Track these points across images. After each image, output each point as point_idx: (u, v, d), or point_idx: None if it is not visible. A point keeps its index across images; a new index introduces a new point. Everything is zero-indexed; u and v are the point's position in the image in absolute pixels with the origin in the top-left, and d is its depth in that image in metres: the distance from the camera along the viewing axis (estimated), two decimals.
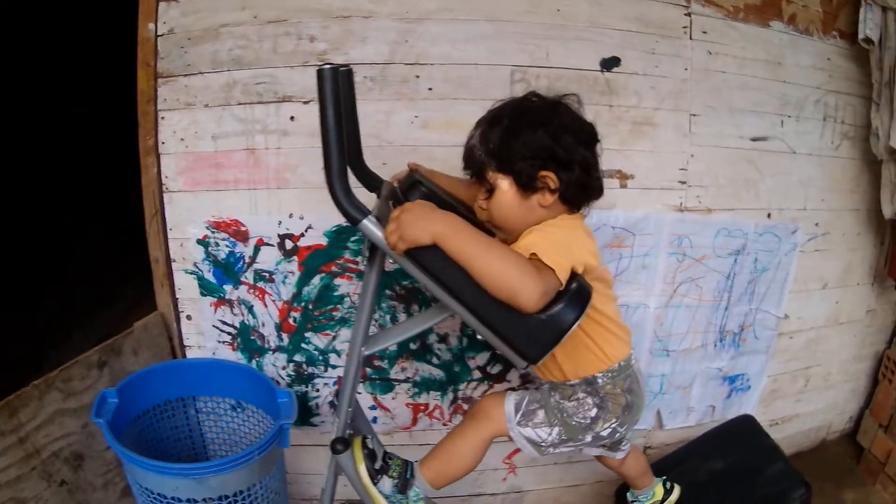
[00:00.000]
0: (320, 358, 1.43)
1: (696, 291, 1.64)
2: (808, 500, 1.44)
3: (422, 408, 1.58)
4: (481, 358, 1.55)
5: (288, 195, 1.29)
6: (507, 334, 0.94)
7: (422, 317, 1.10)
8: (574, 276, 0.97)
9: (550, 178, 1.01)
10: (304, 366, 1.43)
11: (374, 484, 1.13)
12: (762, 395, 1.86)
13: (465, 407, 1.61)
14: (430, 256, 0.91)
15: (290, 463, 1.56)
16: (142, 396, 1.34)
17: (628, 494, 1.48)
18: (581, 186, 1.04)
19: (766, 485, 1.51)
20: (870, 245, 1.86)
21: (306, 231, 1.33)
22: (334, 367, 1.45)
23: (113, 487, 1.38)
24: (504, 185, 1.02)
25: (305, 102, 1.22)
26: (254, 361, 1.40)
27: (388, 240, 0.91)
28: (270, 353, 1.39)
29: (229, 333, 1.38)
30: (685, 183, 1.53)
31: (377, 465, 1.13)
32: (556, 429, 1.15)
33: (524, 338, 0.94)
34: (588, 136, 1.05)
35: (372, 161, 1.26)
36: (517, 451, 1.72)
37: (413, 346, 1.50)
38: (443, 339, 1.52)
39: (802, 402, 1.98)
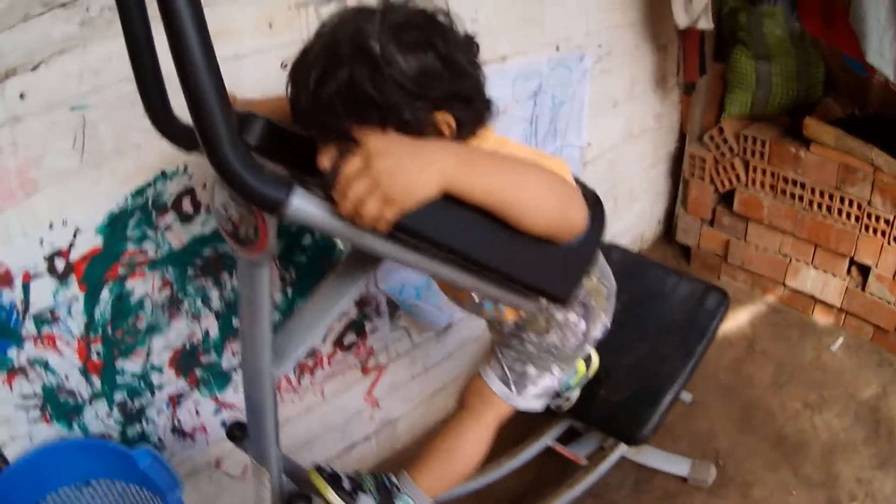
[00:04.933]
0: (142, 384, 1.46)
1: None
2: (728, 305, 1.82)
3: None
4: None
5: (40, 200, 1.21)
6: (536, 280, 0.93)
7: (331, 289, 1.08)
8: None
9: (447, 120, 0.94)
10: (130, 402, 1.46)
11: None
12: None
13: (311, 364, 1.82)
14: (437, 216, 0.79)
15: None
16: None
17: None
18: (477, 118, 1.00)
19: (679, 307, 1.84)
20: (649, 53, 2.36)
21: (75, 237, 1.28)
22: (160, 387, 1.51)
23: None
24: None
25: (34, 68, 1.14)
26: (75, 425, 1.40)
27: (362, 216, 0.75)
28: (88, 405, 1.38)
29: (36, 406, 1.32)
30: (476, 34, 1.80)
31: (347, 486, 1.20)
32: (555, 368, 1.31)
33: (553, 276, 0.93)
34: (476, 49, 0.99)
35: (131, 112, 1.18)
36: (375, 384, 2.04)
37: (236, 323, 1.60)
38: None
39: (616, 222, 2.55)
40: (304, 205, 0.78)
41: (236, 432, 1.25)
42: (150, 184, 1.36)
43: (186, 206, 1.43)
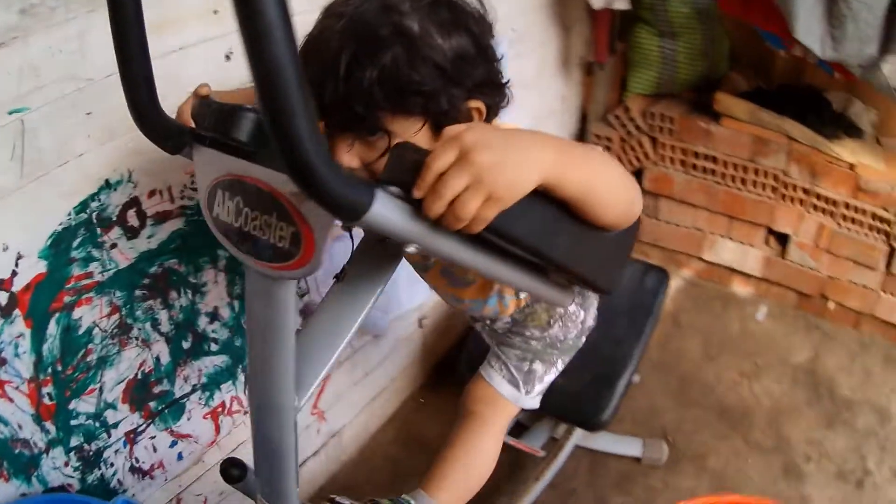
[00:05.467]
0: (97, 424, 1.30)
1: None
2: (669, 282, 1.89)
3: (219, 409, 1.59)
4: None
5: None
6: (592, 273, 0.89)
7: (346, 299, 1.00)
8: None
9: (479, 108, 0.90)
10: (86, 445, 1.28)
11: None
12: None
13: None
14: (525, 212, 0.72)
15: None
16: None
17: None
18: (500, 105, 0.96)
19: (623, 288, 1.79)
20: (556, 36, 2.37)
21: (17, 264, 1.10)
22: (115, 425, 1.34)
23: None
24: (411, 131, 0.86)
25: None
26: (34, 479, 1.20)
27: (458, 217, 0.67)
28: (45, 456, 1.19)
29: None
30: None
31: None
32: (559, 361, 1.32)
33: (605, 267, 0.91)
34: (492, 30, 0.94)
35: (73, 115, 1.11)
36: (320, 395, 1.93)
37: (186, 345, 1.47)
38: (213, 316, 1.51)
39: None
40: (384, 209, 0.69)
41: (233, 472, 1.11)
42: (93, 196, 1.20)
43: (132, 218, 1.28)
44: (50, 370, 1.20)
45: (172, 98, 1.01)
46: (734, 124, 2.28)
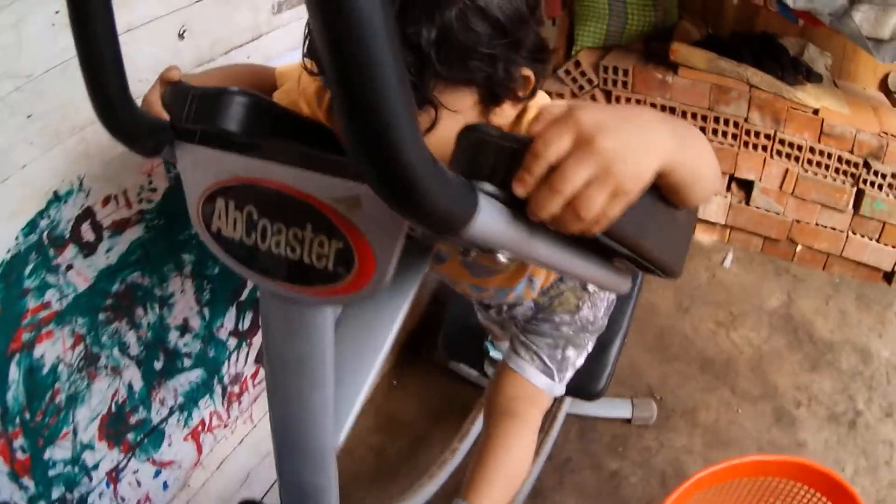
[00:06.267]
0: (76, 470, 1.13)
1: None
2: None
3: (200, 428, 1.44)
4: (228, 320, 1.46)
5: None
6: (667, 256, 0.77)
7: (377, 310, 0.87)
8: None
9: (529, 77, 0.78)
10: (69, 495, 1.11)
11: None
12: None
13: (237, 391, 1.55)
14: (646, 207, 0.61)
15: None
16: None
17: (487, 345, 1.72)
18: (545, 76, 0.84)
19: None
20: None
21: None
22: (95, 466, 1.18)
23: None
24: (463, 103, 0.74)
25: None
26: None
27: (580, 217, 0.54)
28: None
29: None
30: None
31: None
32: (588, 344, 1.26)
33: (676, 248, 0.80)
34: None
35: (11, 120, 0.93)
36: None
37: (158, 365, 1.31)
38: (183, 328, 1.36)
39: None
40: (488, 216, 0.53)
41: None
42: (41, 213, 1.02)
43: (87, 232, 1.10)
44: (18, 420, 1.03)
45: None
46: (692, 74, 2.20)
